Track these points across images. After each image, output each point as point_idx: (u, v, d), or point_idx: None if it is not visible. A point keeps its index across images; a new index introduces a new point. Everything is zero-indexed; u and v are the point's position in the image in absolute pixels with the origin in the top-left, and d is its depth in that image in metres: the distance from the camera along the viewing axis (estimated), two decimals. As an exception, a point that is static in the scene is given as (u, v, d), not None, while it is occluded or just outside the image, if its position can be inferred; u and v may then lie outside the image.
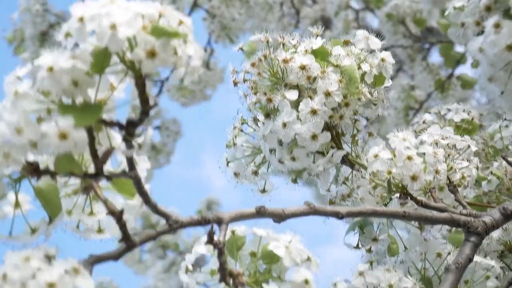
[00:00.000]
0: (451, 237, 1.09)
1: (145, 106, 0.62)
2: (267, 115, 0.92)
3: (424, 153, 0.91)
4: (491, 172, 1.14)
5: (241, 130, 1.00)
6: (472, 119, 1.36)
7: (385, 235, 0.98)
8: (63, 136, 0.55)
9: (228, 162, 1.02)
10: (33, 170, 0.58)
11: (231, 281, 0.72)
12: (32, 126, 0.55)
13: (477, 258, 1.04)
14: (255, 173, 0.99)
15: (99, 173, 0.60)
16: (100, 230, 0.70)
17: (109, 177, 0.62)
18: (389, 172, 0.89)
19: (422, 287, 0.94)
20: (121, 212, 0.64)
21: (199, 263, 0.79)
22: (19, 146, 0.56)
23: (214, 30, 2.45)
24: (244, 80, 0.94)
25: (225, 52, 2.64)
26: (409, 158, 0.89)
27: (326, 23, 2.97)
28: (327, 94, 0.89)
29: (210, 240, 0.69)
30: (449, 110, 1.36)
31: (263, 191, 1.01)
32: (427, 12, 2.45)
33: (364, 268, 0.88)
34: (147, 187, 0.66)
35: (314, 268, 0.73)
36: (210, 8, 2.47)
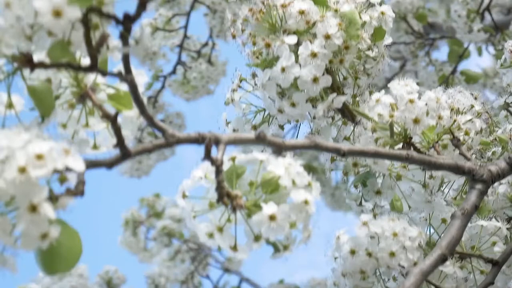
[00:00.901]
0: (456, 203, 1.07)
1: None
2: (266, 65, 0.91)
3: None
4: (496, 138, 1.12)
5: (240, 87, 0.98)
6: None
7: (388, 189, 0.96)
8: (57, 13, 0.53)
9: (227, 123, 1.01)
10: (26, 61, 0.57)
11: (229, 203, 0.70)
12: (24, 1, 0.53)
13: (483, 222, 1.02)
14: (254, 127, 0.98)
15: (94, 66, 0.59)
16: (95, 146, 0.68)
17: (104, 73, 0.60)
18: (391, 116, 0.88)
19: (427, 247, 0.93)
20: (116, 115, 0.62)
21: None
22: (12, 33, 0.54)
23: (215, 25, 2.46)
24: (243, 30, 0.93)
25: (226, 47, 2.64)
26: (411, 101, 0.87)
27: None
28: (327, 37, 0.88)
29: (208, 154, 0.67)
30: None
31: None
32: (431, 9, 2.46)
33: (368, 218, 0.86)
34: (143, 98, 0.64)
35: (314, 193, 0.71)
36: (211, 3, 2.48)
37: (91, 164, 0.62)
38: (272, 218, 0.67)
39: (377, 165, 0.90)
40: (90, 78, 0.66)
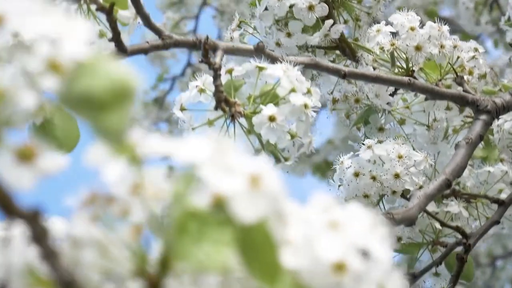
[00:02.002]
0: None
1: None
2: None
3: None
4: (501, 89, 1.11)
5: (239, 27, 0.97)
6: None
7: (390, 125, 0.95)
8: None
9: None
10: None
11: (227, 109, 0.69)
12: None
13: (489, 168, 1.01)
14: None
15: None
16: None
17: None
18: (392, 44, 0.87)
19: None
20: (112, 6, 0.61)
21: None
22: None
23: (224, 27, 2.45)
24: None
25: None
26: (412, 29, 0.86)
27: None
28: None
29: (205, 55, 0.66)
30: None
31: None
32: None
33: (372, 142, 0.85)
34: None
35: (314, 99, 0.70)
36: (220, 6, 2.48)
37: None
38: (272, 118, 0.66)
39: (379, 98, 0.89)
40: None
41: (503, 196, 0.99)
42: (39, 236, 0.26)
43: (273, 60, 0.74)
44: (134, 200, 0.29)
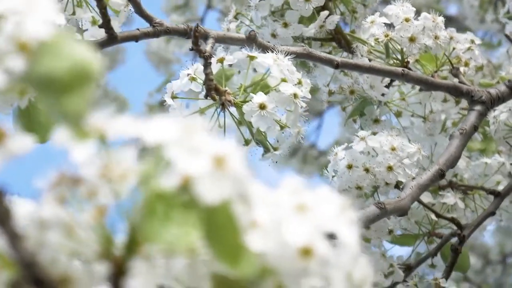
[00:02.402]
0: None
1: None
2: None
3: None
4: (499, 81, 1.11)
5: (236, 18, 0.97)
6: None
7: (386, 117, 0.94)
8: None
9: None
10: None
11: (217, 98, 0.68)
12: None
13: (486, 160, 1.00)
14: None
15: None
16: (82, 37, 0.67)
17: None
18: (387, 35, 0.86)
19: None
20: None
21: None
22: None
23: (228, 30, 2.44)
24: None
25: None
26: (407, 20, 0.86)
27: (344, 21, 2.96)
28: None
29: (195, 43, 0.66)
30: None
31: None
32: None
33: (366, 134, 0.85)
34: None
35: (304, 89, 0.70)
36: (224, 8, 2.47)
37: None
38: (262, 106, 0.66)
39: (374, 90, 0.88)
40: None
41: (501, 188, 0.99)
42: (2, 217, 0.26)
43: (265, 49, 0.74)
44: (102, 182, 0.28)
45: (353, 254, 0.29)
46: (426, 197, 0.95)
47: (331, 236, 0.28)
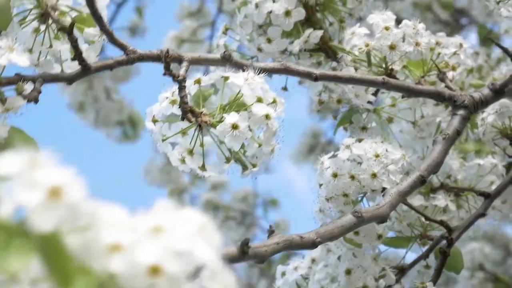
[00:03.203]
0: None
1: None
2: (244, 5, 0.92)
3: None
4: (493, 82, 1.12)
5: (225, 33, 0.99)
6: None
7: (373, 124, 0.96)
8: None
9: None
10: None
11: (193, 119, 0.71)
12: None
13: (479, 161, 1.02)
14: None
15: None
16: (62, 70, 0.70)
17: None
18: (367, 45, 0.88)
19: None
20: (72, 25, 0.64)
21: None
22: None
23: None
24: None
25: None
26: (387, 28, 0.88)
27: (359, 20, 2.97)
28: (297, -30, 0.89)
29: (167, 69, 0.69)
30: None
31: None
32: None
33: (351, 141, 0.87)
34: (103, 14, 0.66)
35: (279, 109, 0.72)
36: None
37: (51, 78, 0.64)
38: (234, 126, 0.69)
39: (359, 98, 0.90)
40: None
41: (493, 188, 1.00)
42: None
43: (242, 68, 0.76)
44: None
45: (212, 271, 0.31)
46: (418, 200, 0.97)
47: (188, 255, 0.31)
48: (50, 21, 0.67)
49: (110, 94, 2.17)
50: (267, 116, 0.70)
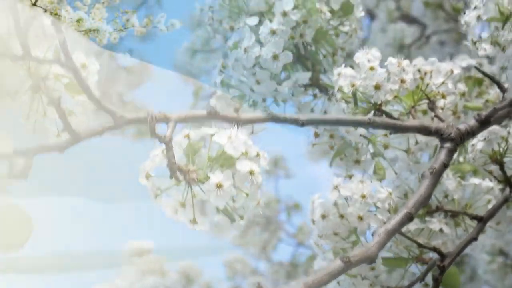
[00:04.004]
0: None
1: None
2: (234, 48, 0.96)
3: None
4: (487, 101, 1.14)
5: (222, 71, 1.03)
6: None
7: (367, 156, 0.99)
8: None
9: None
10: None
11: (182, 177, 0.74)
12: None
13: (476, 181, 1.04)
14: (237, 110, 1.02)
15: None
16: (58, 134, 0.74)
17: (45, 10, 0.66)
18: (353, 85, 0.91)
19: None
20: (58, 99, 0.68)
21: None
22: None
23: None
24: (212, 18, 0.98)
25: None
26: (371, 68, 0.90)
27: (370, 15, 2.97)
28: (284, 14, 0.92)
29: (153, 131, 0.72)
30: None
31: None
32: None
33: (338, 182, 0.90)
34: (92, 81, 0.70)
35: (263, 162, 0.75)
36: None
37: (42, 149, 0.68)
38: (219, 186, 0.72)
39: (350, 134, 0.93)
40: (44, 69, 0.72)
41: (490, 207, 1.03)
42: None
43: (228, 121, 0.80)
44: None
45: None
46: (413, 224, 1.00)
47: None
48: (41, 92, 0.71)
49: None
50: (251, 172, 0.73)
